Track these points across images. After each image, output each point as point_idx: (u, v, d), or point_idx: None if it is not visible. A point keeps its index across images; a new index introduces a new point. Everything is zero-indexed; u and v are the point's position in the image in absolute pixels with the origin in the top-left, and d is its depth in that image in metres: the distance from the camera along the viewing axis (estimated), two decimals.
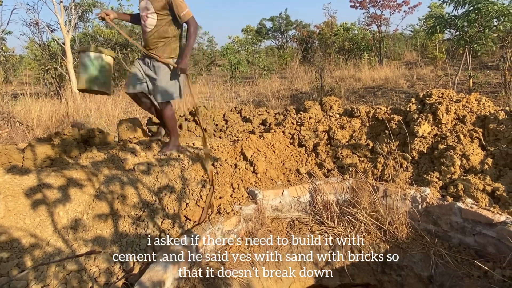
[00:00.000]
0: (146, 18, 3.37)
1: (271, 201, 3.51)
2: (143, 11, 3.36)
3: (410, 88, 9.42)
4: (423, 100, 3.97)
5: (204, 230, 2.93)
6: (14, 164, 3.24)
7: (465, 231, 2.88)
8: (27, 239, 2.57)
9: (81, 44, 12.62)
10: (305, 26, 21.71)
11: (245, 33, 20.90)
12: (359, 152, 3.94)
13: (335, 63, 14.93)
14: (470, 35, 7.38)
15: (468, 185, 3.05)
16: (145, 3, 3.31)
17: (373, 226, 3.23)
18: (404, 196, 3.19)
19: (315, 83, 10.31)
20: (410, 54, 16.24)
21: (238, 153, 3.96)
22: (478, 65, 10.76)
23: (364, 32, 16.41)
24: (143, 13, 3.36)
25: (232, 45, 16.44)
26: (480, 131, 3.45)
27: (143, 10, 3.36)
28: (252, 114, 5.55)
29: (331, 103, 4.98)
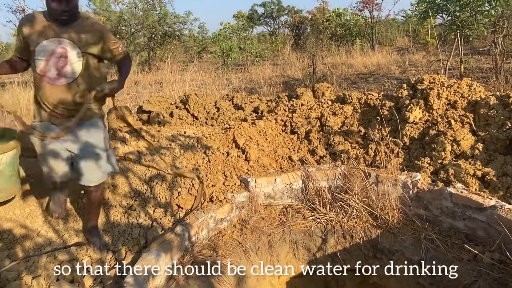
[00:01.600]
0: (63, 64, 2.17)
1: (263, 188, 3.51)
2: (54, 55, 2.14)
3: (402, 74, 9.42)
4: (414, 86, 3.96)
5: (196, 218, 2.93)
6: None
7: (455, 215, 2.91)
8: (17, 230, 2.54)
9: None
10: (297, 12, 21.50)
11: (237, 19, 20.63)
12: (351, 139, 3.94)
13: (327, 50, 14.83)
14: (462, 20, 7.36)
15: (458, 170, 3.08)
16: (61, 42, 2.13)
17: (364, 212, 3.25)
18: (395, 181, 3.21)
19: (307, 70, 10.25)
20: (402, 40, 16.21)
21: (230, 141, 3.94)
22: (470, 50, 10.77)
23: (356, 17, 16.29)
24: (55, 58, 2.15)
25: (223, 31, 16.22)
26: (471, 117, 3.46)
27: (53, 54, 2.14)
28: (244, 101, 5.51)
29: (323, 90, 4.95)
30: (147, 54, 16.21)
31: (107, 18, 13.27)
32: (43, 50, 2.13)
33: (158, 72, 12.88)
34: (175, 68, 10.97)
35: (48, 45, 2.12)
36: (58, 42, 2.13)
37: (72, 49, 2.15)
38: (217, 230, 3.16)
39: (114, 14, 13.80)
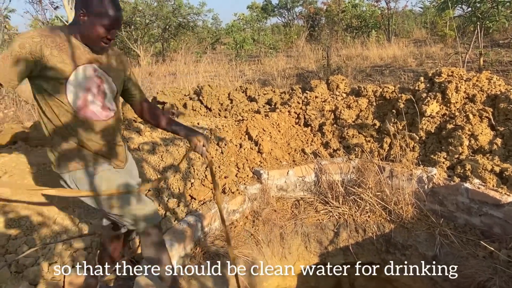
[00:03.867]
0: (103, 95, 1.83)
1: (276, 180, 3.50)
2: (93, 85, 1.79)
3: (419, 67, 9.23)
4: (432, 79, 3.88)
5: (209, 209, 2.94)
6: (20, 144, 3.25)
7: (471, 211, 2.86)
8: (34, 218, 2.60)
9: None
10: (312, 3, 21.22)
11: (251, 10, 20.51)
12: (365, 132, 3.89)
13: (342, 41, 14.64)
14: (482, 11, 7.15)
15: (476, 165, 3.01)
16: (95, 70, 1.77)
17: (378, 206, 3.22)
18: (410, 176, 3.16)
19: (321, 62, 10.14)
20: (419, 32, 15.85)
21: (243, 132, 3.94)
22: (489, 42, 10.48)
23: (372, 8, 16.00)
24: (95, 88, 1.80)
25: (237, 22, 16.16)
26: (490, 111, 3.38)
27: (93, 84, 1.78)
28: (257, 93, 5.49)
29: (338, 82, 4.90)
30: (161, 45, 16.28)
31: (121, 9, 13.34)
32: (81, 79, 1.71)
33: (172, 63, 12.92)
34: (188, 59, 10.99)
35: (85, 73, 1.72)
36: (93, 69, 1.76)
37: (107, 78, 1.83)
38: (230, 221, 3.17)
39: (128, 5, 13.86)
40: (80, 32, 1.68)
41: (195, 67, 10.26)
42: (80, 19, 1.65)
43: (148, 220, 1.87)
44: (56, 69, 1.62)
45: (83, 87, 1.71)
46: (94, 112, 1.77)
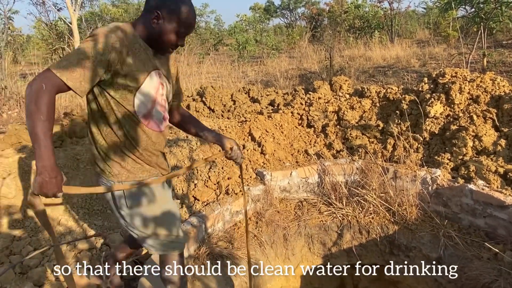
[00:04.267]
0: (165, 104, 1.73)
1: (279, 182, 3.50)
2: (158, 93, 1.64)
3: (422, 68, 9.21)
4: (435, 80, 3.87)
5: (212, 210, 2.94)
6: (24, 145, 3.26)
7: (475, 213, 2.85)
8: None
9: (88, 23, 12.52)
10: (315, 4, 21.24)
11: (253, 11, 20.54)
12: (369, 133, 3.89)
13: (345, 42, 14.62)
14: (485, 12, 7.13)
15: (480, 166, 3.00)
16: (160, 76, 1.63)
17: (382, 208, 3.21)
18: (414, 177, 3.15)
19: (324, 63, 10.13)
20: (422, 32, 15.82)
21: (246, 133, 3.94)
22: (493, 43, 10.45)
23: (375, 9, 15.98)
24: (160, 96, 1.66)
25: (239, 23, 16.18)
26: (494, 112, 3.36)
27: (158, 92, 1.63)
28: (260, 94, 5.49)
29: (341, 83, 4.89)
30: None
31: (125, 10, 13.38)
32: (149, 88, 1.57)
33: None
34: (191, 60, 11.00)
35: (152, 81, 1.58)
36: (158, 76, 1.61)
37: (167, 85, 1.70)
38: (233, 222, 3.17)
39: (132, 6, 13.91)
40: (149, 35, 1.55)
41: (198, 68, 10.28)
42: (152, 22, 1.51)
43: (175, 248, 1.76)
44: (129, 78, 1.48)
45: (151, 96, 1.58)
46: (156, 123, 1.64)
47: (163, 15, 1.49)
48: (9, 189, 2.67)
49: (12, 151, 3.10)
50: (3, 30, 7.85)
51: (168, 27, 1.51)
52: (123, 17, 13.17)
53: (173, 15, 1.50)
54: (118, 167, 1.59)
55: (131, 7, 13.80)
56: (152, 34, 1.54)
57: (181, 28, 1.53)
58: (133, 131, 1.57)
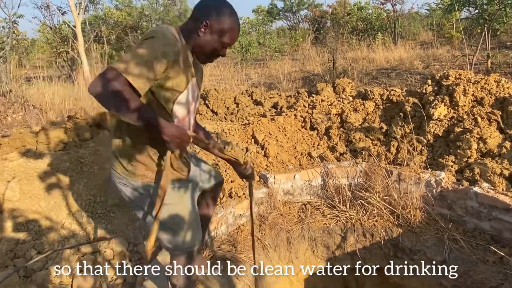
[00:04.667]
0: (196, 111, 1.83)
1: (282, 184, 3.49)
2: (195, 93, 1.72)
3: (426, 69, 9.18)
4: (439, 82, 3.85)
5: (216, 213, 2.94)
6: (28, 148, 3.28)
7: (480, 216, 2.83)
8: (42, 222, 2.62)
9: (92, 27, 12.59)
10: (317, 6, 21.21)
11: (256, 14, 20.57)
12: (372, 136, 3.87)
13: (348, 44, 14.60)
14: (489, 13, 7.10)
15: (484, 169, 2.98)
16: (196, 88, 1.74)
17: (386, 210, 3.19)
18: (418, 180, 3.14)
19: (327, 65, 10.11)
20: (426, 34, 15.76)
21: (249, 136, 3.94)
22: (497, 44, 10.40)
23: (378, 11, 15.96)
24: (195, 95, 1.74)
25: (242, 26, 16.20)
26: (498, 114, 3.34)
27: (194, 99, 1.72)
28: (263, 97, 5.49)
29: (344, 86, 4.88)
30: None
31: (128, 14, 13.44)
32: (187, 94, 1.61)
33: None
34: None
35: (190, 88, 1.62)
36: (193, 84, 1.66)
37: (198, 93, 1.75)
38: (236, 225, 3.17)
39: (135, 9, 13.97)
40: (194, 44, 1.57)
41: None
42: (199, 30, 1.54)
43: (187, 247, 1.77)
44: (177, 82, 1.53)
45: (187, 103, 1.62)
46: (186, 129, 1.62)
47: (210, 25, 1.53)
48: (13, 192, 2.68)
49: (16, 155, 3.11)
50: (8, 34, 7.90)
51: (215, 37, 1.55)
52: (127, 20, 13.21)
53: (220, 26, 1.53)
54: (142, 169, 1.61)
55: (135, 10, 13.84)
56: (198, 43, 1.57)
57: (227, 39, 1.57)
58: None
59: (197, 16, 1.56)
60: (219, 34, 1.55)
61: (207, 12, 1.54)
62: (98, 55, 12.06)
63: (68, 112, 6.32)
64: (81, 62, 10.85)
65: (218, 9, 1.54)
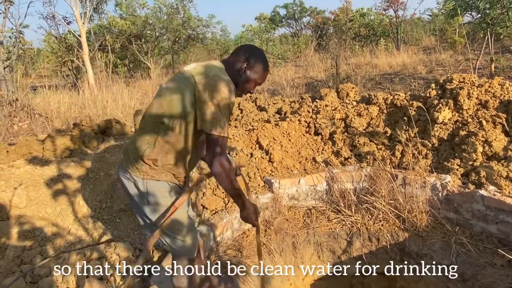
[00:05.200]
0: None
1: (287, 189, 3.49)
2: None
3: (429, 74, 9.18)
4: (443, 86, 3.85)
5: (221, 218, 2.94)
6: (34, 155, 3.31)
7: (487, 219, 2.81)
8: (49, 228, 2.63)
9: (97, 36, 12.72)
10: (320, 13, 21.35)
11: (259, 21, 20.68)
12: (376, 140, 3.87)
13: (350, 50, 14.64)
14: (492, 17, 7.11)
15: (490, 172, 2.97)
16: None
17: (391, 215, 3.18)
18: (423, 184, 3.12)
19: (330, 71, 10.14)
20: (429, 39, 15.78)
21: (253, 142, 3.95)
22: (500, 48, 10.39)
23: (380, 17, 16.01)
24: None
25: (245, 33, 16.30)
26: (503, 117, 3.33)
27: None
28: (267, 103, 5.51)
29: (348, 91, 4.89)
30: (171, 57, 16.49)
31: (132, 23, 13.57)
32: None
33: None
34: None
35: None
36: None
37: None
38: (242, 230, 3.16)
39: (139, 18, 14.11)
40: (234, 80, 1.76)
41: None
42: (242, 71, 1.77)
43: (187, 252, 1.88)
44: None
45: None
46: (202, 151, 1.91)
47: (251, 66, 1.78)
48: (20, 199, 2.70)
49: (23, 162, 3.14)
50: (14, 44, 8.00)
51: (252, 77, 1.80)
52: (131, 29, 13.34)
53: (258, 68, 1.79)
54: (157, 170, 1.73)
55: (139, 19, 13.97)
56: (236, 81, 1.79)
57: (260, 79, 1.83)
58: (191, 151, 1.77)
59: (241, 57, 1.79)
60: (256, 74, 1.79)
61: (248, 56, 1.78)
62: (102, 63, 12.18)
63: (73, 119, 6.37)
64: (86, 70, 10.95)
65: (257, 54, 1.79)
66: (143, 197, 1.74)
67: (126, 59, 15.39)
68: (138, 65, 15.34)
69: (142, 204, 1.76)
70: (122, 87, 8.86)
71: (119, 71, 14.43)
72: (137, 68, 15.31)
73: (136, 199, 1.77)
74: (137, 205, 1.79)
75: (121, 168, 1.79)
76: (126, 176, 1.75)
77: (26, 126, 6.13)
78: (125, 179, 1.76)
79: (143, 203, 1.75)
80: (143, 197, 1.74)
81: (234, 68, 1.78)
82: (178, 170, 1.77)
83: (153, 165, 1.70)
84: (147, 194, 1.72)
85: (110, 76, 10.61)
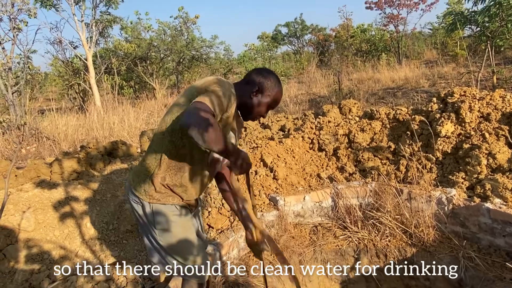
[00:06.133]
0: None
1: (292, 207, 3.49)
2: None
3: (432, 87, 9.22)
4: (444, 99, 3.88)
5: (227, 237, 2.95)
6: (42, 178, 3.36)
7: (494, 232, 2.78)
8: (56, 251, 2.65)
9: (103, 59, 12.98)
10: (321, 30, 21.67)
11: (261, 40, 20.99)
12: (380, 155, 3.88)
13: (352, 66, 14.79)
14: (491, 30, 7.18)
15: (495, 184, 2.96)
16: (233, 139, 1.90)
17: (398, 230, 3.16)
18: (429, 198, 3.12)
19: (333, 87, 10.24)
20: (430, 53, 15.90)
21: (258, 159, 3.98)
22: (502, 60, 10.43)
23: (381, 32, 16.20)
24: None
25: (248, 52, 16.53)
26: (506, 129, 3.34)
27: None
28: (270, 120, 5.56)
29: (350, 106, 4.93)
30: (175, 77, 16.73)
31: (137, 45, 13.85)
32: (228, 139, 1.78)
33: None
34: None
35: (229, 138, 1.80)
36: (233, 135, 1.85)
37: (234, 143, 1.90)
38: (248, 249, 3.16)
39: (144, 41, 14.40)
40: (243, 103, 1.73)
41: None
42: (251, 93, 1.71)
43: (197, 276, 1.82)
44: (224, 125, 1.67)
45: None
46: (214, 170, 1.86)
47: (262, 90, 1.72)
48: (28, 222, 2.74)
49: (31, 185, 3.19)
50: (22, 69, 8.19)
51: (264, 101, 1.74)
52: (136, 52, 13.60)
53: (271, 92, 1.73)
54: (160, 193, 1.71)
55: (144, 42, 14.26)
56: (247, 104, 1.74)
57: (272, 104, 1.77)
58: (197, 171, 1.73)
59: (252, 81, 1.73)
60: (267, 98, 1.74)
61: (260, 80, 1.72)
62: (109, 86, 12.38)
63: (80, 142, 6.46)
64: (93, 93, 11.14)
65: (270, 79, 1.73)
66: (150, 221, 1.74)
67: (132, 81, 15.63)
68: (143, 86, 15.57)
69: (150, 228, 1.76)
70: (128, 108, 9.00)
71: (125, 92, 14.65)
72: (143, 89, 15.54)
73: (144, 222, 1.77)
74: (145, 228, 1.79)
75: (130, 190, 1.80)
76: (135, 199, 1.76)
77: (34, 149, 6.22)
78: (134, 203, 1.77)
79: (151, 227, 1.75)
80: (151, 221, 1.74)
81: (246, 91, 1.73)
82: (187, 191, 1.75)
83: (161, 185, 1.69)
84: (154, 218, 1.72)
85: (116, 98, 10.78)
